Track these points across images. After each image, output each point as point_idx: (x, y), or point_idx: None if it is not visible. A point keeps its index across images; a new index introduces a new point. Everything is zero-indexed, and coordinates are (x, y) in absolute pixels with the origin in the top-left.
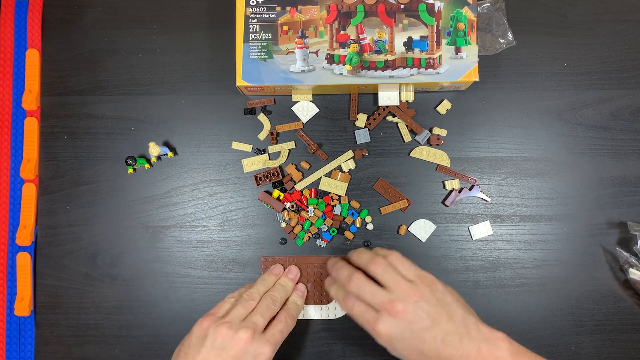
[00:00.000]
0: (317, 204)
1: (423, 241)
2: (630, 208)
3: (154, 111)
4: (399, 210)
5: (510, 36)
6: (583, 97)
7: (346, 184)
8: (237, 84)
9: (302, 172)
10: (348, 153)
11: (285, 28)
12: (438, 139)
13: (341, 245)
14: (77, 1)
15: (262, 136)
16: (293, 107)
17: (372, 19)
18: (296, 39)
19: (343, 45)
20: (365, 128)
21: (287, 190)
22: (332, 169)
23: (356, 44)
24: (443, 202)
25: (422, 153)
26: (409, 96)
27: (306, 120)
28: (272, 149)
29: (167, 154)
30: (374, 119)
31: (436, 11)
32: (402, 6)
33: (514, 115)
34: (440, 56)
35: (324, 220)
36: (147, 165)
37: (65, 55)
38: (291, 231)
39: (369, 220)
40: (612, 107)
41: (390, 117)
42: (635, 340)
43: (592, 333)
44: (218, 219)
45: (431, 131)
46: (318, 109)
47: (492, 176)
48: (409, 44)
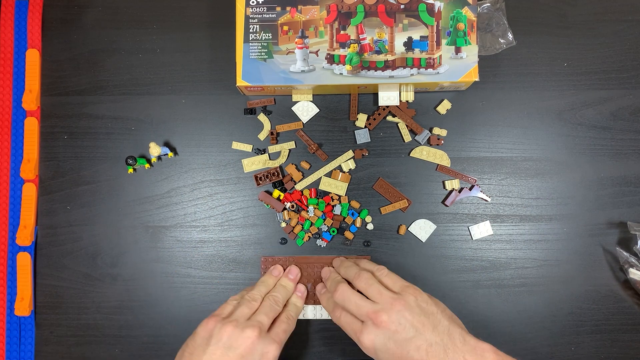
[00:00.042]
0: (317, 204)
1: (423, 241)
2: (630, 208)
3: (154, 111)
4: (399, 210)
5: (510, 36)
6: (583, 97)
7: (346, 184)
8: (237, 84)
9: (302, 172)
10: (348, 153)
11: (285, 28)
12: (438, 139)
13: (341, 245)
14: (77, 1)
15: (262, 136)
16: (293, 107)
17: (372, 19)
18: (296, 39)
19: (343, 45)
20: (365, 128)
21: (287, 190)
22: (332, 169)
23: (356, 44)
24: (443, 202)
25: (422, 153)
26: (409, 96)
27: (306, 120)
28: (272, 149)
29: (168, 154)
30: (374, 119)
31: (436, 11)
32: (402, 6)
33: (514, 115)
34: (440, 56)
35: (324, 220)
36: (148, 165)
37: (65, 55)
38: (291, 231)
39: (369, 220)
40: (612, 107)
41: (390, 117)
42: (635, 340)
43: (592, 333)
44: (218, 219)
45: (431, 131)
46: (318, 109)
47: (492, 176)
48: (409, 44)
